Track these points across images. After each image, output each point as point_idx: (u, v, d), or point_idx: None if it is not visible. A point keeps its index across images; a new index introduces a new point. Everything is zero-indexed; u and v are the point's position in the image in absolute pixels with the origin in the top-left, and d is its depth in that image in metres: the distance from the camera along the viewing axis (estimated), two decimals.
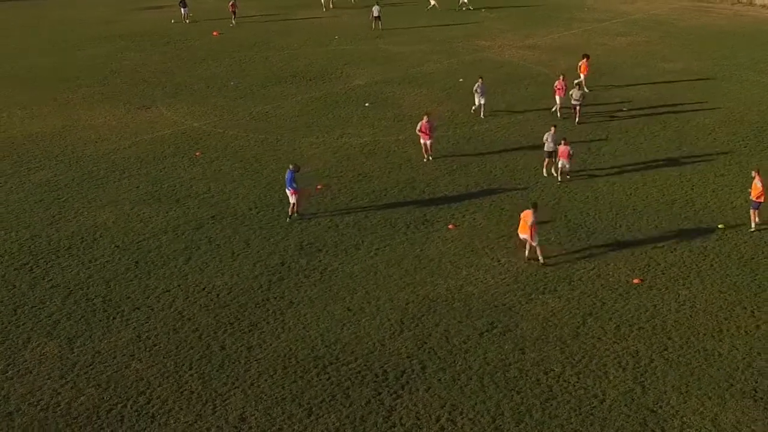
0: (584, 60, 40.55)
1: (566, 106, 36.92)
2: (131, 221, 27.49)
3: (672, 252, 24.82)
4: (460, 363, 19.52)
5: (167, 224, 27.19)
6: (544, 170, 30.61)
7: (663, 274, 23.54)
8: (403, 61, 48.59)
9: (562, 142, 29.67)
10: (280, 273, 23.88)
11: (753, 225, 26.16)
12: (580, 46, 50.97)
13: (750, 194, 26.38)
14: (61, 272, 24.21)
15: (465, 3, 65.13)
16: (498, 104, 39.19)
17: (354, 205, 28.39)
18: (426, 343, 20.35)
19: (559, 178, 30.01)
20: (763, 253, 24.68)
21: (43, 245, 25.93)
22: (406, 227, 26.67)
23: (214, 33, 57.42)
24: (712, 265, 23.99)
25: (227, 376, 19.28)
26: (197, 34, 57.41)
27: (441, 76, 45.06)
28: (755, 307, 21.80)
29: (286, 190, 27.08)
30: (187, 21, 61.75)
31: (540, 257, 24.01)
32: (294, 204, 27.04)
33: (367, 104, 39.96)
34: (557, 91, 36.90)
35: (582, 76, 40.34)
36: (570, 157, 29.68)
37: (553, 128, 30.66)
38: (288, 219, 27.05)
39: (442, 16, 62.21)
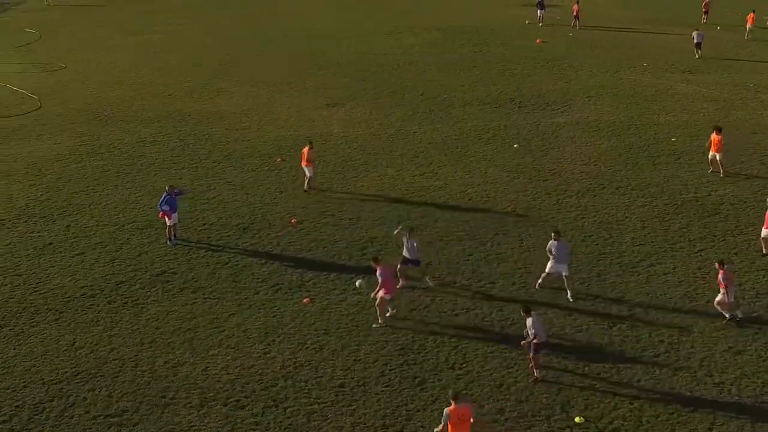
0: (715, 134, 31.18)
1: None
2: (115, 208, 29.44)
3: None
4: None
5: (131, 219, 28.52)
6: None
7: None
8: (659, 103, 40.63)
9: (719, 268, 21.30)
10: (101, 291, 23.84)
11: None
12: None
13: None
14: None
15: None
16: (673, 175, 31.04)
17: (276, 251, 26.01)
18: (45, 408, 19.00)
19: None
20: None
21: (35, 206, 29.38)
22: (270, 287, 23.91)
23: (538, 41, 54.36)
24: None
25: None
26: (523, 39, 55.06)
27: (663, 128, 36.92)
28: None
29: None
30: (540, 24, 59.27)
31: None
32: (170, 227, 26.41)
33: (516, 146, 35.02)
34: None
35: (711, 153, 31.52)
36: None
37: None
38: (168, 242, 26.57)
39: None
